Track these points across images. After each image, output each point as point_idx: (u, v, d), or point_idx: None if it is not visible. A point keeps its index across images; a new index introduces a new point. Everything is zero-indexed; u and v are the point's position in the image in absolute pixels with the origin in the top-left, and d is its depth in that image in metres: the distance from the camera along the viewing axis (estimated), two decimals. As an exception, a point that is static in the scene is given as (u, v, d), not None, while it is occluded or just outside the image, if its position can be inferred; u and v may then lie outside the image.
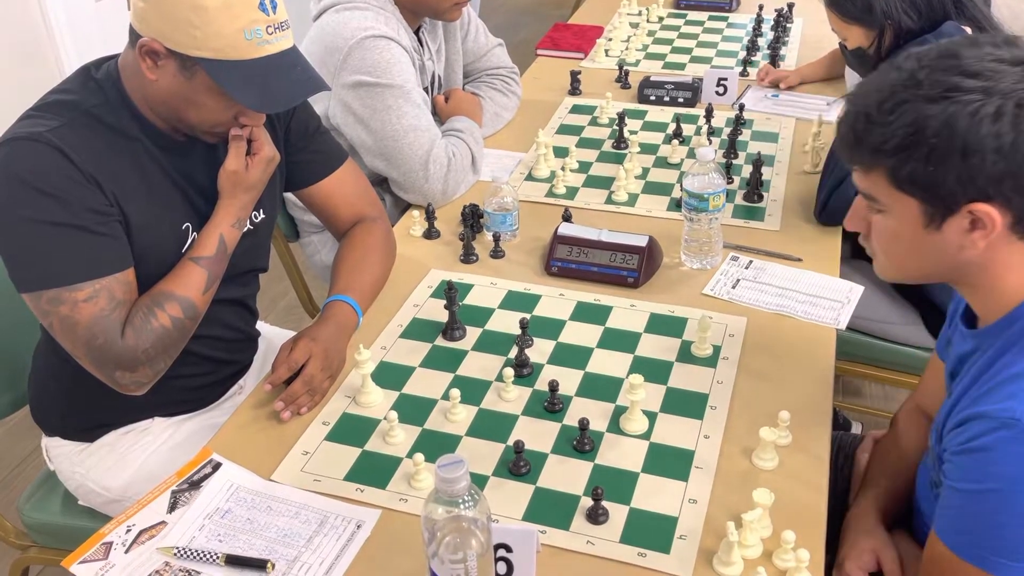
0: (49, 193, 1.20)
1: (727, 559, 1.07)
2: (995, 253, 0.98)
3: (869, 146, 0.98)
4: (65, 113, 1.25)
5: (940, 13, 1.75)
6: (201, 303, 1.32)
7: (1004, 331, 1.01)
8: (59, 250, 1.21)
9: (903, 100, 0.95)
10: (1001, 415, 0.94)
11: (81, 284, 1.22)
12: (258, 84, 1.21)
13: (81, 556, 1.12)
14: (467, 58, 2.17)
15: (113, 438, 1.46)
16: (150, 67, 1.23)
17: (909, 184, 0.97)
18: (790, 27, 2.71)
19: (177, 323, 1.29)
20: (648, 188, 1.90)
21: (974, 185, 0.93)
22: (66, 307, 1.22)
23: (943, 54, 0.96)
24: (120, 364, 1.25)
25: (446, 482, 0.91)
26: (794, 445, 1.25)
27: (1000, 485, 0.94)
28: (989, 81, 0.92)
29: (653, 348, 1.44)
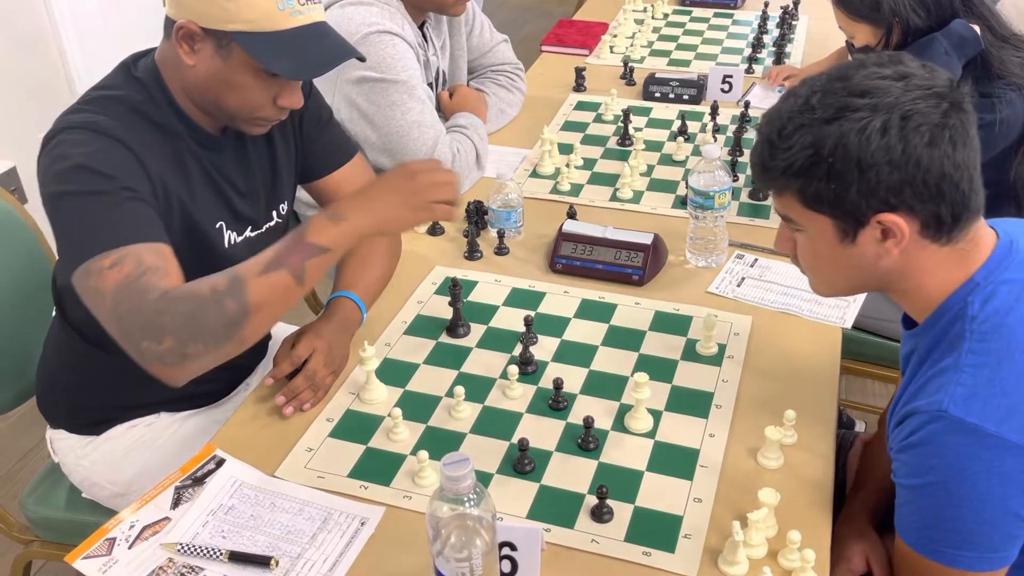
0: (92, 168, 1.18)
1: (732, 558, 1.07)
2: (911, 258, 1.03)
3: (776, 171, 1.03)
4: (112, 108, 1.25)
5: (948, 11, 1.74)
6: (254, 284, 1.12)
7: (932, 329, 1.06)
8: (90, 222, 1.16)
9: (800, 124, 1.00)
10: (930, 408, 0.98)
11: (107, 252, 1.14)
12: (292, 54, 1.22)
13: (84, 552, 1.12)
14: (472, 54, 2.16)
15: (119, 432, 1.46)
16: (187, 52, 1.23)
17: (817, 202, 1.02)
18: (795, 24, 2.71)
19: (214, 295, 1.11)
20: (653, 185, 1.90)
21: (876, 197, 0.98)
22: (93, 279, 1.13)
23: (833, 77, 1.01)
24: (147, 331, 1.10)
25: (451, 480, 0.90)
26: (799, 444, 1.25)
27: (939, 477, 0.98)
28: (876, 98, 0.97)
29: (658, 346, 1.44)
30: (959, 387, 0.97)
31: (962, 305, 1.02)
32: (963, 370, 0.99)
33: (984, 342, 0.99)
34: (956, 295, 1.03)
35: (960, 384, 0.98)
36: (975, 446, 0.96)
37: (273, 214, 1.47)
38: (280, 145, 1.46)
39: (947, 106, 0.97)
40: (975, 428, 0.96)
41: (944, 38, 1.72)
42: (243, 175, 1.39)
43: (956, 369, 0.99)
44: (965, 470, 0.97)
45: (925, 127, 0.96)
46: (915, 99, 0.97)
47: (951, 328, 1.03)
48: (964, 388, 0.97)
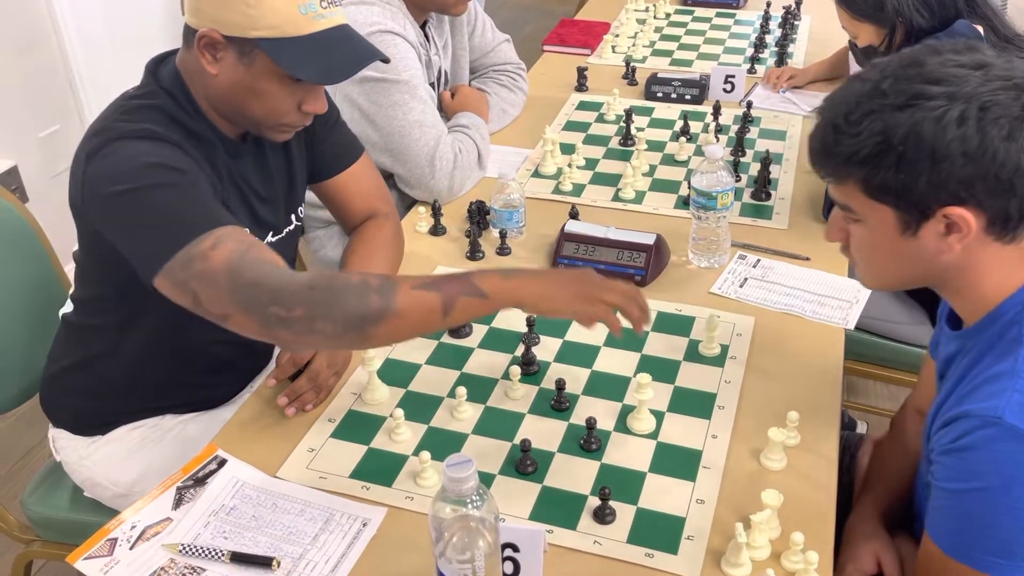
0: (157, 163, 1.18)
1: (735, 560, 1.06)
2: (972, 255, 1.00)
3: (840, 157, 1.00)
4: (153, 117, 1.24)
5: (951, 11, 1.74)
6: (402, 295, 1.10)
7: (985, 331, 1.03)
8: (181, 207, 1.16)
9: (870, 110, 0.97)
10: (984, 414, 0.95)
11: (202, 236, 1.13)
12: (317, 58, 1.21)
13: (86, 552, 1.12)
14: (474, 54, 2.16)
15: (122, 432, 1.46)
16: (210, 61, 1.23)
17: (882, 192, 0.99)
18: (798, 24, 2.70)
19: (362, 284, 1.11)
20: (655, 185, 1.89)
21: (946, 189, 0.95)
22: (198, 263, 1.12)
23: (906, 63, 0.98)
24: (278, 298, 1.09)
25: (454, 482, 0.90)
26: (802, 446, 1.24)
27: (986, 483, 0.95)
28: (952, 87, 0.94)
29: (660, 347, 1.44)
30: (1016, 393, 0.94)
31: (1020, 309, 1.00)
32: (1020, 376, 0.95)
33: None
34: (1014, 298, 1.00)
35: (1017, 391, 0.94)
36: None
37: (292, 217, 1.48)
38: (295, 148, 1.46)
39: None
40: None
41: (947, 38, 1.72)
42: (264, 181, 1.39)
43: (1013, 375, 0.96)
44: (1015, 478, 0.93)
45: (1004, 119, 0.93)
46: (995, 90, 0.93)
47: (1007, 332, 1.00)
48: (1021, 395, 0.94)
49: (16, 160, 2.61)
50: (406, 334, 1.16)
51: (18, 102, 2.61)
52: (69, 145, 2.73)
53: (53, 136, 2.73)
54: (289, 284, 1.10)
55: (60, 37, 2.70)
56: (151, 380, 1.43)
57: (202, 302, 1.14)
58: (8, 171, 2.58)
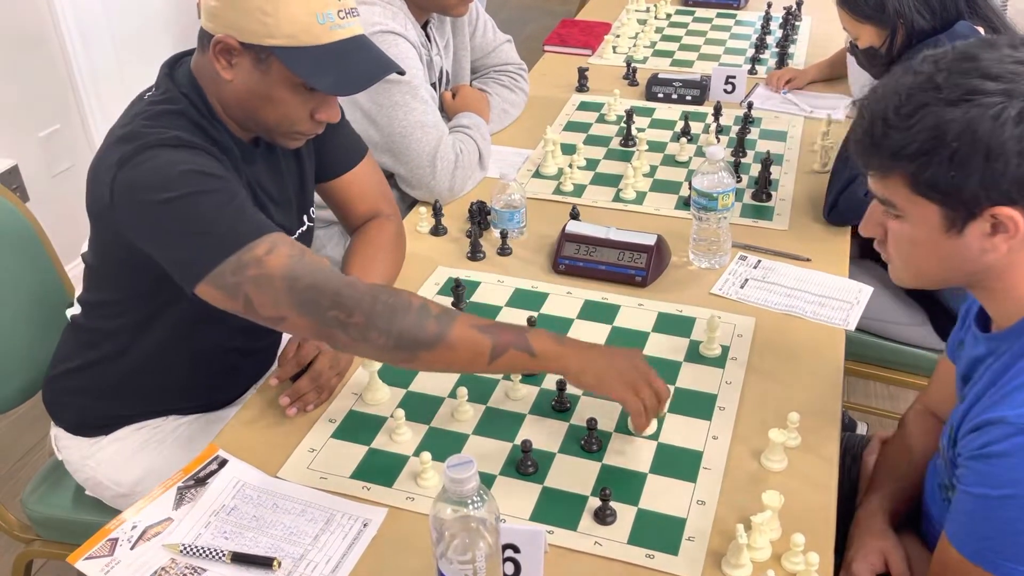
0: (197, 171, 1.18)
1: (736, 561, 1.06)
2: (1016, 257, 0.98)
3: (887, 151, 0.97)
4: (179, 123, 1.24)
5: (953, 13, 1.74)
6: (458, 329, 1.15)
7: (1021, 336, 1.01)
8: (226, 215, 1.17)
9: (922, 103, 0.94)
10: (1018, 420, 0.93)
11: (254, 242, 1.15)
12: (333, 68, 1.21)
13: (86, 552, 1.12)
14: (475, 54, 2.16)
15: (125, 433, 1.46)
16: (224, 67, 1.22)
17: (930, 189, 0.96)
18: (798, 25, 2.70)
19: (422, 310, 1.15)
20: (656, 186, 1.89)
21: (997, 189, 0.93)
22: (252, 268, 1.14)
23: (961, 56, 0.95)
24: (337, 303, 1.13)
25: (455, 482, 0.90)
26: (803, 447, 1.24)
27: (1017, 491, 0.94)
28: (1010, 83, 0.91)
29: (661, 348, 1.44)
30: None
31: None
32: None
33: None
34: None
35: None
36: None
37: (304, 219, 1.48)
38: (304, 150, 1.46)
39: None
40: None
41: (948, 40, 1.71)
42: (276, 184, 1.39)
43: None
44: None
45: None
46: None
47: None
48: None
49: (16, 159, 2.61)
50: (451, 366, 1.20)
51: (18, 101, 2.61)
52: (70, 144, 2.76)
53: (53, 135, 2.73)
54: (351, 290, 1.14)
55: (61, 36, 2.70)
56: (156, 383, 1.43)
57: (255, 306, 1.16)
58: (9, 170, 2.58)
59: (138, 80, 1.34)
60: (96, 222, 1.30)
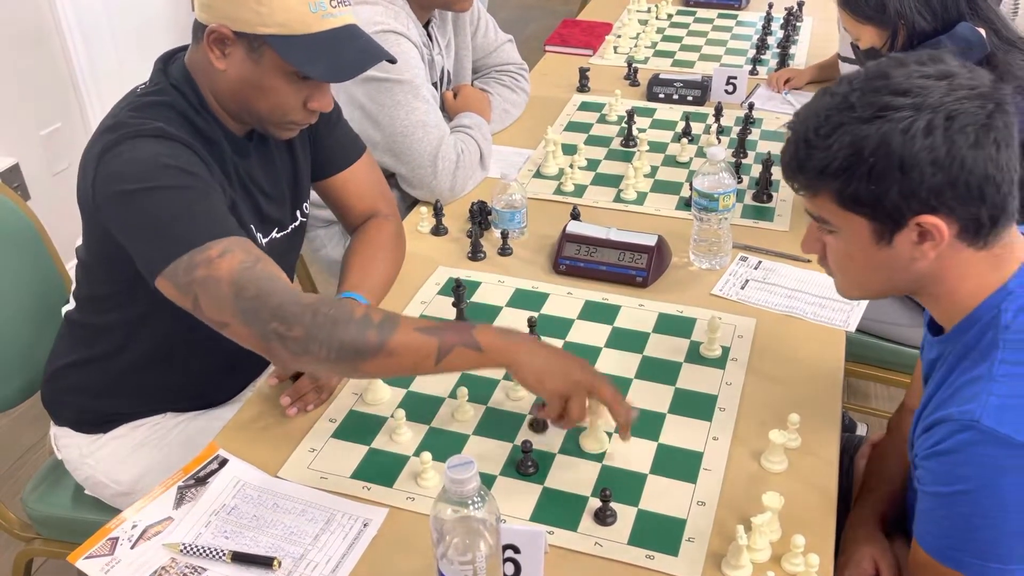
0: (171, 165, 1.20)
1: (736, 563, 1.06)
2: (946, 262, 1.01)
3: (812, 170, 1.01)
4: (165, 115, 1.25)
5: (954, 13, 1.74)
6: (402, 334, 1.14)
7: (962, 336, 1.04)
8: (188, 213, 1.18)
9: (839, 123, 0.98)
10: (962, 418, 0.96)
11: (209, 243, 1.16)
12: (325, 56, 1.23)
13: (87, 551, 1.12)
14: (476, 54, 2.16)
15: (124, 431, 1.46)
16: (218, 57, 1.24)
17: (855, 203, 0.99)
18: (799, 26, 2.70)
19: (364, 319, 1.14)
20: (657, 187, 1.89)
21: (917, 198, 0.96)
22: (202, 269, 1.15)
23: (872, 75, 0.99)
24: (279, 315, 1.13)
25: (456, 483, 0.90)
26: (803, 448, 1.24)
27: (967, 486, 0.96)
28: (918, 97, 0.95)
29: (661, 348, 1.44)
30: (991, 397, 0.95)
31: (995, 313, 1.00)
32: (996, 380, 0.97)
33: (1017, 352, 0.98)
34: (988, 302, 1.01)
35: (992, 394, 0.96)
36: (1007, 457, 0.94)
37: (297, 213, 1.49)
38: (298, 145, 1.47)
39: (992, 107, 0.95)
40: (1008, 439, 0.93)
41: (949, 41, 1.72)
42: (269, 178, 1.40)
43: (989, 379, 0.97)
44: (995, 481, 0.95)
45: (971, 128, 0.94)
46: (960, 99, 0.95)
47: (983, 336, 1.01)
48: (996, 398, 0.95)
49: (18, 158, 2.61)
50: (396, 372, 1.22)
51: (20, 100, 2.61)
52: (71, 143, 2.75)
53: (55, 134, 2.73)
54: (293, 303, 1.14)
55: (62, 35, 2.70)
56: (154, 381, 1.43)
57: (202, 308, 1.17)
58: (10, 169, 2.58)
59: (139, 78, 1.34)
60: (84, 215, 1.31)
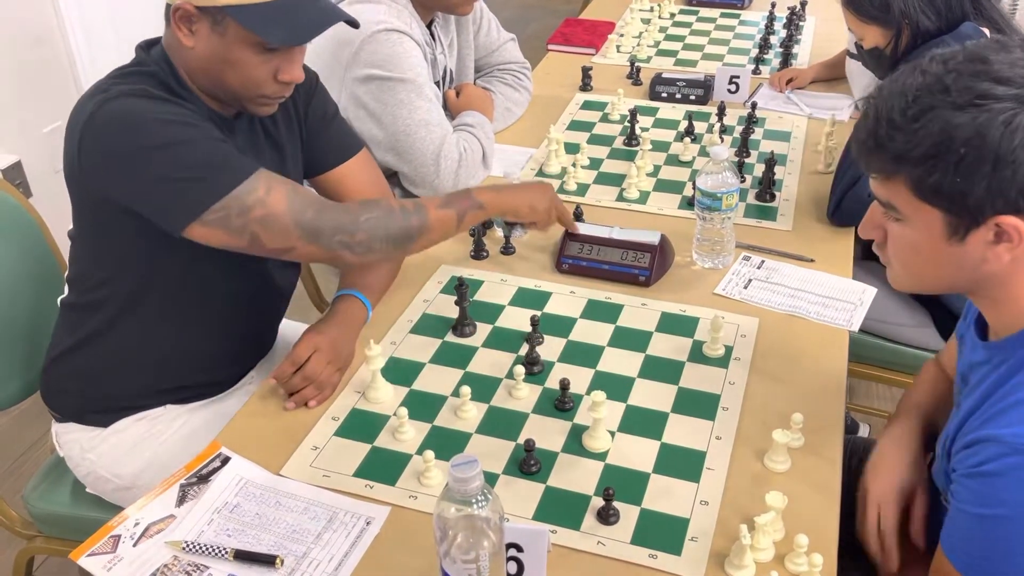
0: (178, 121, 1.24)
1: (739, 562, 1.06)
2: (1018, 266, 0.95)
3: (891, 153, 0.94)
4: (149, 82, 1.28)
5: (958, 13, 1.74)
6: (433, 214, 1.37)
7: (1018, 348, 0.98)
8: (217, 158, 1.24)
9: (930, 106, 0.91)
10: (1013, 440, 0.91)
11: (251, 181, 1.24)
12: (284, 21, 1.25)
13: (89, 549, 1.12)
14: (479, 53, 2.16)
15: (125, 424, 1.46)
16: (186, 34, 1.26)
17: (933, 195, 0.93)
18: (802, 25, 2.70)
19: (404, 210, 1.34)
20: (660, 186, 1.89)
21: (1003, 197, 0.90)
22: (258, 209, 1.24)
23: (971, 58, 0.92)
24: (340, 228, 1.29)
25: (460, 482, 0.90)
26: (806, 448, 1.24)
27: (1011, 512, 0.92)
28: (1022, 88, 0.88)
29: (664, 347, 1.44)
30: None
31: None
32: None
33: None
34: None
35: None
36: None
37: None
38: (285, 133, 1.47)
39: None
40: None
41: (953, 41, 1.71)
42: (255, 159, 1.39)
43: None
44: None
45: None
46: None
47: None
48: None
49: (20, 155, 2.61)
50: (435, 243, 1.42)
51: (22, 97, 2.61)
52: (73, 141, 2.75)
53: (57, 131, 2.71)
54: (345, 214, 1.30)
55: (64, 32, 2.70)
56: (149, 359, 1.43)
57: (262, 241, 1.27)
58: (12, 166, 2.58)
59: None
60: (75, 186, 1.32)
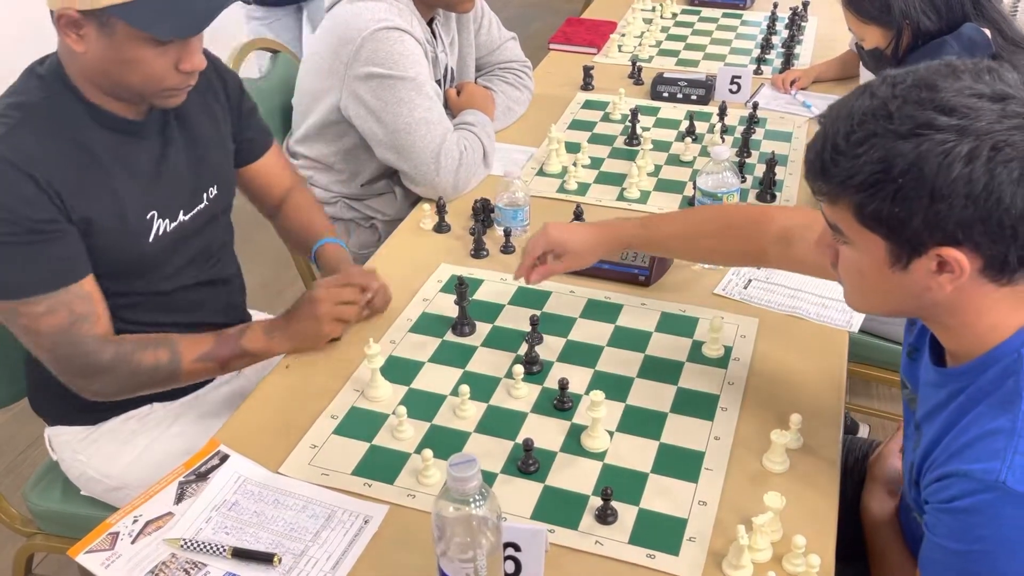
0: (24, 220, 1.21)
1: (737, 562, 1.06)
2: (964, 295, 0.93)
3: (835, 178, 0.92)
4: (13, 116, 1.24)
5: (959, 14, 1.74)
6: (187, 367, 1.37)
7: (976, 377, 0.96)
8: (10, 266, 1.23)
9: (873, 132, 0.89)
10: (984, 477, 0.90)
11: (36, 298, 1.25)
12: (170, 12, 1.21)
13: (87, 546, 1.12)
14: (480, 51, 2.16)
15: (114, 425, 1.46)
16: (75, 40, 1.22)
17: (874, 222, 0.91)
18: (804, 25, 2.70)
19: (155, 366, 1.35)
20: (660, 186, 1.89)
21: (942, 229, 0.88)
22: (24, 319, 1.26)
23: (919, 83, 0.89)
24: (82, 373, 1.32)
25: (458, 481, 0.90)
26: (805, 448, 1.24)
27: (986, 547, 0.91)
28: (965, 119, 0.86)
29: (663, 348, 1.44)
30: (1018, 456, 0.88)
31: (1015, 357, 0.93)
32: (1022, 436, 0.89)
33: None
34: (1009, 344, 0.94)
35: (1019, 452, 0.89)
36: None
37: (203, 196, 1.46)
38: (209, 128, 1.46)
39: None
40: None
41: (954, 41, 1.71)
42: (168, 160, 1.38)
43: (1013, 434, 0.89)
44: (1018, 544, 0.89)
45: (1016, 163, 0.85)
46: (1011, 128, 0.85)
47: (1003, 383, 0.93)
48: (1022, 457, 0.88)
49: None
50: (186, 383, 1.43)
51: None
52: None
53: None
54: (95, 366, 1.31)
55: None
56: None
57: (18, 337, 1.30)
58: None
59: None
60: None
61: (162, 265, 1.39)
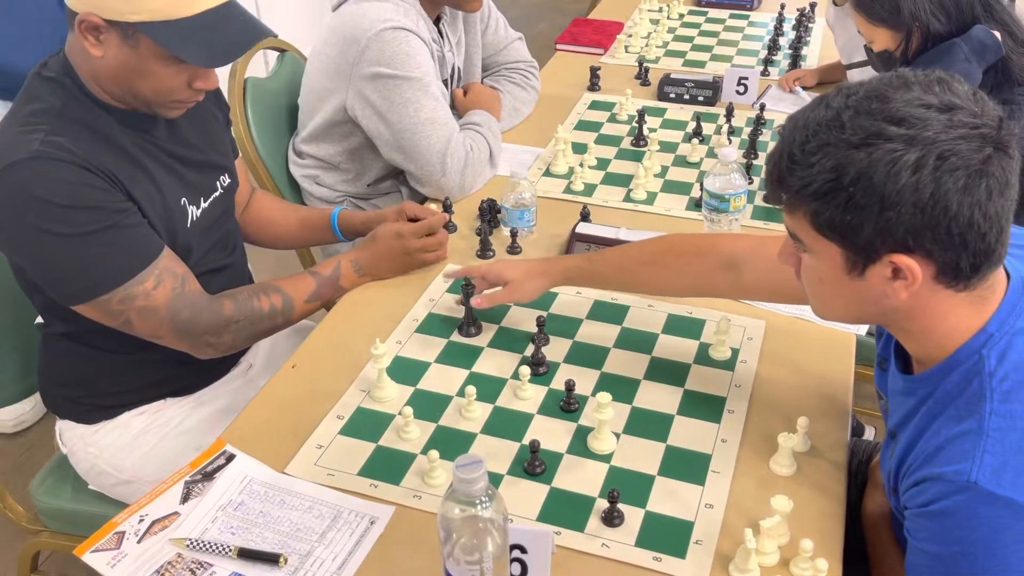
0: (77, 206, 1.22)
1: (744, 566, 1.06)
2: (922, 301, 0.95)
3: (791, 187, 0.95)
4: (42, 119, 1.23)
5: (968, 16, 1.73)
6: (299, 309, 1.47)
7: (941, 381, 0.98)
8: (111, 252, 1.25)
9: (825, 142, 0.91)
10: (956, 478, 0.91)
11: (143, 273, 1.27)
12: (203, 40, 1.20)
13: (93, 545, 1.12)
14: (486, 51, 2.16)
15: (126, 419, 1.47)
16: (93, 44, 1.20)
17: (829, 230, 0.94)
18: (811, 27, 2.69)
19: (272, 311, 1.43)
20: (667, 187, 1.89)
21: (892, 236, 0.90)
22: (140, 300, 1.28)
23: (871, 95, 0.92)
24: (210, 330, 1.36)
25: (464, 482, 0.90)
26: (812, 451, 1.24)
27: (966, 549, 0.92)
28: (912, 129, 0.88)
29: (670, 350, 1.43)
30: (987, 455, 0.90)
31: (976, 359, 0.95)
32: (989, 435, 0.91)
33: (1007, 403, 0.92)
34: (969, 346, 0.96)
35: (988, 452, 0.91)
36: (1008, 519, 0.90)
37: (217, 183, 1.47)
38: (211, 120, 1.48)
39: (991, 150, 0.88)
40: (1008, 501, 0.89)
41: (964, 44, 1.71)
42: (182, 146, 1.39)
43: (980, 434, 0.92)
44: (995, 542, 0.90)
45: (962, 171, 0.87)
46: (957, 138, 0.87)
47: (967, 385, 0.95)
48: (992, 456, 0.90)
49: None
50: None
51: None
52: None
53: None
54: (218, 317, 1.37)
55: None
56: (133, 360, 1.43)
57: (135, 326, 1.31)
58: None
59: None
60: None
61: (195, 249, 1.41)
